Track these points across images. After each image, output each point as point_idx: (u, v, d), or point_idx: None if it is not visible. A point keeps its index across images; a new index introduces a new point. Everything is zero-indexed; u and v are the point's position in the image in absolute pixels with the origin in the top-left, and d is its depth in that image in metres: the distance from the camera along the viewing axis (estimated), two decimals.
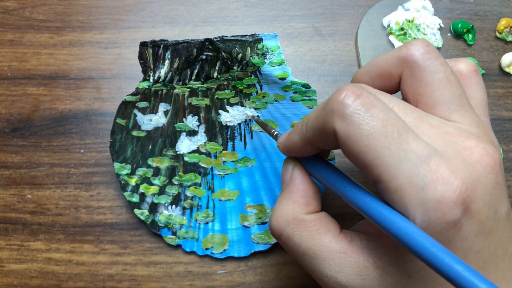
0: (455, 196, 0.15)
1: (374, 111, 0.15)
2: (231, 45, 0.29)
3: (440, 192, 0.14)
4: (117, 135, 0.29)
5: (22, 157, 0.31)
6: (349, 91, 0.16)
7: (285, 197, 0.20)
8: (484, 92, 0.20)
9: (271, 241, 0.28)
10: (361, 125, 0.15)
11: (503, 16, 0.33)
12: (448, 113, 0.18)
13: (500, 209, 0.16)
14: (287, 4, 0.34)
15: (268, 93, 0.30)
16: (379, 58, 0.20)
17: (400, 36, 0.33)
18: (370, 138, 0.15)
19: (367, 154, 0.15)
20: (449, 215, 0.15)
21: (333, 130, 0.16)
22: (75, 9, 0.34)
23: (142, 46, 0.29)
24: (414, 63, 0.18)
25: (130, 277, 0.28)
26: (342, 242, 0.18)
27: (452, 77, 0.18)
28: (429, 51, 0.18)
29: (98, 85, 0.32)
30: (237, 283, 0.28)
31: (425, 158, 0.15)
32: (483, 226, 0.15)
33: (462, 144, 0.16)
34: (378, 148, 0.15)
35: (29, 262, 0.29)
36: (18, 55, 0.33)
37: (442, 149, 0.16)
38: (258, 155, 0.30)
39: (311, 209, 0.19)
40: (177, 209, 0.29)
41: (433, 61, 0.18)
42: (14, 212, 0.30)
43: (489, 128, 0.19)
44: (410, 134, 0.15)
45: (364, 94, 0.16)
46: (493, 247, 0.16)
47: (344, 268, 0.18)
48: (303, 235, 0.19)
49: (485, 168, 0.16)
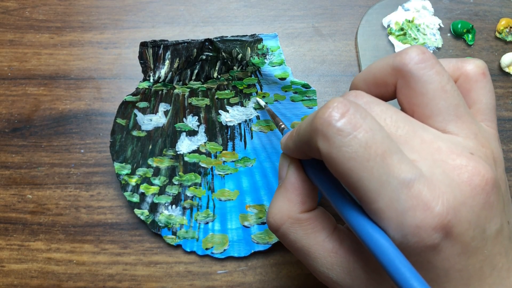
0: (434, 222, 0.14)
1: (359, 132, 0.15)
2: (231, 45, 0.29)
3: (419, 218, 0.14)
4: (117, 135, 0.29)
5: (22, 157, 0.31)
6: (335, 108, 0.15)
7: (281, 194, 0.19)
8: (491, 96, 0.19)
9: (271, 241, 0.28)
10: (343, 148, 0.15)
11: (503, 16, 0.34)
12: (444, 124, 0.17)
13: (490, 228, 0.16)
14: (287, 4, 0.35)
15: (268, 93, 0.30)
16: (374, 66, 0.19)
17: (400, 36, 0.33)
18: (351, 161, 0.15)
19: (349, 176, 0.15)
20: (427, 240, 0.15)
21: (317, 148, 0.16)
22: (75, 9, 0.34)
23: (142, 46, 0.29)
24: (408, 73, 0.17)
25: (130, 277, 0.28)
26: (335, 242, 0.18)
27: (448, 86, 0.17)
28: (424, 59, 0.17)
29: (98, 85, 0.32)
30: (237, 283, 0.28)
31: (408, 182, 0.15)
32: (467, 247, 0.15)
33: (452, 163, 0.16)
34: (360, 171, 0.15)
35: (29, 262, 0.29)
36: (18, 55, 0.33)
37: (430, 169, 0.15)
38: (258, 155, 0.30)
39: (306, 208, 0.19)
40: (177, 209, 0.29)
41: (427, 71, 0.17)
42: (15, 212, 0.30)
43: (491, 137, 0.18)
44: (395, 156, 0.15)
45: (351, 111, 0.15)
46: (479, 264, 0.16)
47: (335, 266, 0.18)
48: (298, 234, 0.19)
49: (474, 189, 0.15)
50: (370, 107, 0.17)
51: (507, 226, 0.17)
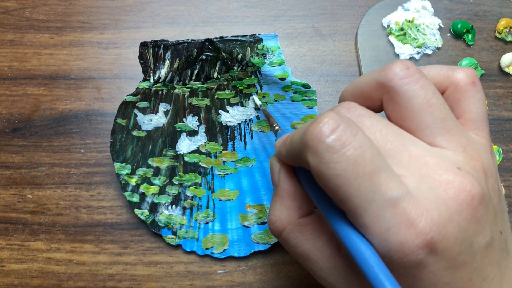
0: (418, 240, 0.15)
1: (348, 149, 0.15)
2: (231, 45, 0.29)
3: (403, 236, 0.15)
4: (118, 135, 0.29)
5: (22, 157, 0.31)
6: (326, 124, 0.15)
7: (277, 201, 0.20)
8: (482, 105, 0.19)
9: (271, 241, 0.28)
10: (331, 164, 0.15)
11: (502, 16, 0.34)
12: (432, 138, 0.17)
13: (478, 241, 0.16)
14: (287, 4, 0.35)
15: (268, 93, 0.30)
16: (360, 80, 0.19)
17: (400, 36, 0.33)
18: (339, 178, 0.15)
19: (337, 192, 0.15)
20: (411, 256, 0.15)
21: (307, 162, 0.16)
22: (76, 10, 0.34)
23: (143, 46, 0.29)
24: (392, 88, 0.17)
25: (130, 277, 0.28)
26: (333, 247, 0.19)
27: (433, 99, 0.17)
28: (407, 74, 0.17)
29: (98, 85, 0.32)
30: (237, 283, 0.28)
31: (394, 200, 0.15)
32: (453, 261, 0.15)
33: (439, 179, 0.16)
34: (347, 188, 0.15)
35: (30, 262, 0.29)
36: (18, 55, 0.33)
37: (416, 185, 0.16)
38: (258, 155, 0.30)
39: (303, 212, 0.19)
40: (177, 209, 0.29)
41: (412, 85, 0.17)
42: (15, 212, 0.30)
43: (482, 148, 0.18)
44: (382, 174, 0.15)
45: (341, 127, 0.15)
46: (467, 276, 0.16)
47: (333, 271, 0.18)
48: (298, 239, 0.19)
49: (460, 205, 0.15)
50: (361, 121, 0.17)
51: (499, 237, 0.17)
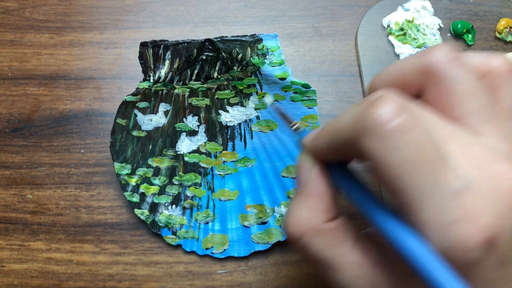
0: (479, 236, 0.14)
1: (414, 135, 0.14)
2: (231, 45, 0.29)
3: (465, 232, 0.14)
4: (118, 135, 0.29)
5: (22, 157, 0.31)
6: (390, 106, 0.14)
7: (302, 201, 0.18)
8: None
9: (271, 241, 0.28)
10: (395, 151, 0.14)
11: (502, 16, 0.34)
12: (475, 125, 0.16)
13: None
14: (287, 4, 0.35)
15: (268, 93, 0.30)
16: (395, 67, 0.18)
17: (400, 36, 0.33)
18: (403, 166, 0.14)
19: (398, 182, 0.14)
20: (471, 254, 0.14)
21: (361, 148, 0.14)
22: (76, 10, 0.34)
23: (142, 46, 0.29)
24: (438, 73, 0.16)
25: (130, 277, 0.28)
26: (359, 253, 0.17)
27: (478, 86, 0.16)
28: (454, 58, 0.16)
29: (98, 85, 0.32)
30: (237, 283, 0.28)
31: (457, 192, 0.14)
32: (505, 257, 0.15)
33: (492, 169, 0.15)
34: (410, 178, 0.14)
35: (30, 262, 0.29)
36: (18, 55, 0.33)
37: (473, 176, 0.14)
38: (258, 155, 0.30)
39: (330, 216, 0.18)
40: (177, 209, 0.29)
41: (458, 70, 0.16)
42: (15, 212, 0.30)
43: None
44: (444, 164, 0.14)
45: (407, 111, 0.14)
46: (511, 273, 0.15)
47: (358, 279, 0.17)
48: (320, 246, 0.17)
49: None
50: None
51: None
